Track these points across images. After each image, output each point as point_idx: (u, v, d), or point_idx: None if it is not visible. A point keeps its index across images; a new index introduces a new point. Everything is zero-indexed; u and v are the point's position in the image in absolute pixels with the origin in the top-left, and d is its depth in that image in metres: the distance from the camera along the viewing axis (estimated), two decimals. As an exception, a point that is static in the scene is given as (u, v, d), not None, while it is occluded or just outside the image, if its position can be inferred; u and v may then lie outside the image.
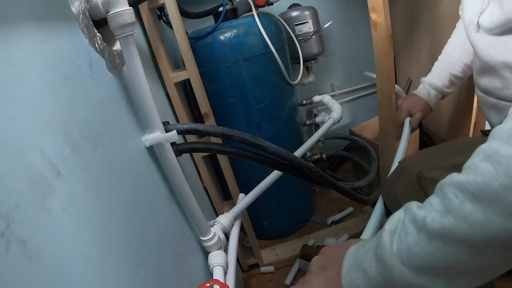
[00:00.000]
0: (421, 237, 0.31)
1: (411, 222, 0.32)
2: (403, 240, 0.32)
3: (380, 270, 0.34)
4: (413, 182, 0.59)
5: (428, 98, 0.93)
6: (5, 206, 0.25)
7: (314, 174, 0.82)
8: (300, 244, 1.24)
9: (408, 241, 0.32)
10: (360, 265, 0.36)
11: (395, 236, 0.33)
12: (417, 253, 0.31)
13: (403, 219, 0.34)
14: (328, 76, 1.68)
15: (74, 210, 0.34)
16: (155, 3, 0.85)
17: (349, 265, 0.38)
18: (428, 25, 1.30)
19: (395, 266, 0.32)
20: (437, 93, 0.93)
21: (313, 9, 1.32)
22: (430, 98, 0.93)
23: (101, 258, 0.37)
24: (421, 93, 0.95)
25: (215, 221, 0.78)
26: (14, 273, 0.25)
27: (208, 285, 0.57)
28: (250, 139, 0.72)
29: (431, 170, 0.57)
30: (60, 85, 0.37)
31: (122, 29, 0.48)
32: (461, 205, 0.28)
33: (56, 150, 0.33)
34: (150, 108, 0.56)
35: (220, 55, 1.04)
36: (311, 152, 1.56)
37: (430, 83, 0.93)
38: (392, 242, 0.33)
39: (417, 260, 0.31)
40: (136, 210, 0.50)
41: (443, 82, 0.91)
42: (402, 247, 0.32)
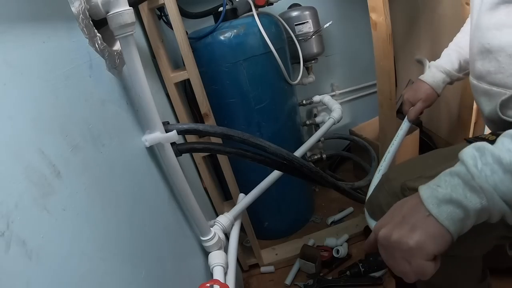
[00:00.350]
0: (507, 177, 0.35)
1: (496, 162, 0.36)
2: (489, 177, 0.36)
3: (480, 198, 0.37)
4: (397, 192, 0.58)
5: (434, 82, 0.84)
6: (5, 206, 0.25)
7: (314, 174, 0.82)
8: (300, 244, 1.24)
9: (495, 179, 0.36)
10: (452, 200, 0.38)
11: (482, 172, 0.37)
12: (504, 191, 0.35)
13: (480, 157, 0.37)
14: (328, 76, 1.68)
15: (74, 210, 0.34)
16: (155, 3, 0.85)
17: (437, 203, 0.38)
18: (428, 25, 1.30)
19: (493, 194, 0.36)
20: (444, 76, 0.84)
21: (313, 9, 1.32)
22: (436, 82, 0.84)
23: (101, 258, 0.37)
24: (426, 77, 0.86)
25: (215, 221, 0.78)
26: (14, 273, 0.25)
27: (208, 285, 0.57)
28: (250, 139, 0.72)
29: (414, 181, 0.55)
30: (60, 85, 0.37)
31: (122, 29, 0.48)
32: None
33: (56, 150, 0.33)
34: (150, 108, 0.56)
35: (220, 55, 1.04)
36: (311, 152, 1.56)
37: (437, 65, 0.85)
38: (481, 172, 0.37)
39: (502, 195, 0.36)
40: (136, 210, 0.50)
41: (452, 65, 0.83)
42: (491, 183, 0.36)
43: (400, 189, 0.58)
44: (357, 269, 1.09)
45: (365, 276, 1.09)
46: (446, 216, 0.37)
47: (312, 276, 1.15)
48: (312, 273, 1.16)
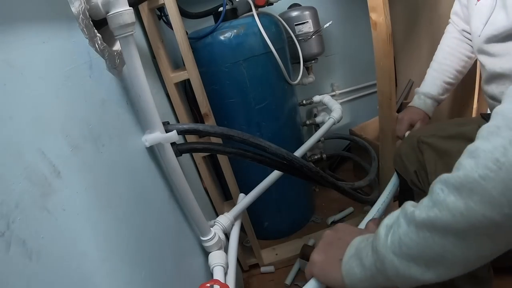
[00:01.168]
0: (410, 228, 0.34)
1: (403, 217, 0.36)
2: (395, 232, 0.36)
3: (374, 260, 0.37)
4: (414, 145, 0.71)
5: (425, 108, 0.96)
6: (5, 206, 0.25)
7: (314, 174, 0.82)
8: (301, 244, 1.23)
9: (399, 233, 0.35)
10: (359, 255, 0.40)
11: (391, 230, 0.37)
12: (407, 243, 0.34)
13: (398, 215, 0.37)
14: (328, 76, 1.68)
15: (74, 210, 0.34)
16: (155, 3, 0.85)
17: (351, 254, 0.42)
18: (428, 25, 1.30)
19: (386, 256, 0.36)
20: (432, 101, 0.95)
21: (313, 9, 1.32)
22: (427, 107, 0.96)
23: (101, 258, 0.37)
24: (417, 103, 0.97)
25: (215, 221, 0.78)
26: (14, 273, 0.25)
27: (209, 285, 0.57)
28: (250, 139, 0.72)
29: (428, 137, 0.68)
30: (60, 85, 0.37)
31: (122, 29, 0.48)
32: (445, 197, 0.31)
33: (56, 150, 0.33)
34: (150, 108, 0.56)
35: (220, 55, 1.04)
36: (311, 152, 1.56)
37: (424, 93, 0.96)
38: (387, 236, 0.37)
39: (407, 250, 0.34)
40: (136, 210, 0.50)
41: (437, 91, 0.94)
42: (394, 239, 0.35)
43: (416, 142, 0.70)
44: (357, 269, 1.09)
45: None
46: (347, 268, 0.41)
47: (312, 276, 1.15)
48: (312, 273, 1.16)
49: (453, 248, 0.31)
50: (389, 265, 0.35)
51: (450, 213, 0.30)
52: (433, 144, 0.66)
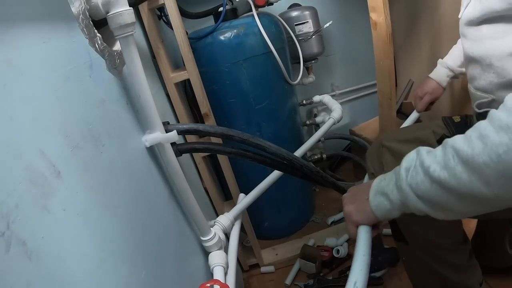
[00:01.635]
0: (425, 179, 0.42)
1: (420, 165, 0.43)
2: (414, 177, 0.43)
3: (399, 196, 0.46)
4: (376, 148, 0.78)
5: (437, 77, 0.96)
6: (5, 206, 0.25)
7: (314, 174, 0.82)
8: (301, 244, 1.24)
9: (417, 179, 0.43)
10: (384, 192, 0.49)
11: (409, 173, 0.44)
12: (422, 189, 0.42)
13: (415, 160, 0.44)
14: (328, 76, 1.68)
15: (74, 211, 0.34)
16: (155, 3, 0.85)
17: (375, 192, 0.51)
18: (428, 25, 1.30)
19: (408, 194, 0.44)
20: (447, 71, 0.94)
21: (313, 9, 1.32)
22: (440, 76, 0.95)
23: (101, 258, 0.37)
24: (432, 74, 0.98)
25: (216, 221, 0.78)
26: (14, 273, 0.25)
27: (209, 285, 0.57)
28: (250, 139, 0.72)
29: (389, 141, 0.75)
30: (60, 85, 0.37)
31: (122, 29, 0.48)
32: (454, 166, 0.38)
33: (56, 150, 0.33)
34: (150, 108, 0.56)
35: (220, 55, 1.04)
36: (311, 152, 1.56)
37: (441, 62, 0.96)
38: (407, 177, 0.44)
39: (422, 193, 0.43)
40: (136, 210, 0.50)
41: (454, 62, 0.93)
42: (413, 182, 0.43)
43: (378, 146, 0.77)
44: (357, 269, 1.09)
45: (365, 276, 1.09)
46: (375, 203, 0.50)
47: (312, 276, 1.15)
48: (312, 273, 1.16)
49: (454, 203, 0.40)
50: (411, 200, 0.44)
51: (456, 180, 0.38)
52: (391, 147, 0.73)
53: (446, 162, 0.39)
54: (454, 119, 0.76)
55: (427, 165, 0.41)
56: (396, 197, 0.47)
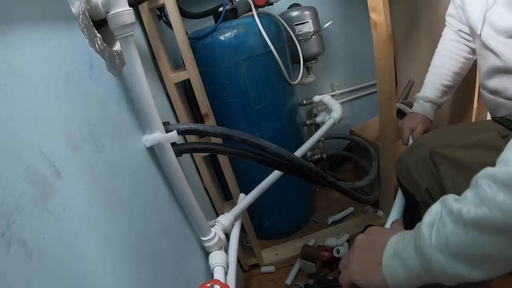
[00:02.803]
0: (458, 227, 0.33)
1: (448, 214, 0.35)
2: (441, 231, 0.34)
3: (419, 260, 0.36)
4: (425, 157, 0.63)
5: (424, 112, 0.96)
6: (5, 206, 0.25)
7: (314, 174, 0.82)
8: (301, 244, 1.24)
9: (446, 232, 0.34)
10: (400, 256, 0.39)
11: (434, 228, 0.36)
12: (455, 243, 0.33)
13: (440, 211, 0.36)
14: (328, 76, 1.68)
15: (75, 211, 0.34)
16: (155, 3, 0.85)
17: (389, 256, 0.41)
18: (428, 25, 1.30)
19: (433, 256, 0.34)
20: (431, 104, 0.96)
21: (313, 9, 1.32)
22: (426, 111, 0.96)
23: (101, 258, 0.37)
24: (417, 109, 0.98)
25: (216, 221, 0.78)
26: (14, 273, 0.25)
27: (209, 285, 0.57)
28: (251, 139, 0.72)
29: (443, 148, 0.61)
30: (61, 85, 0.37)
31: (122, 29, 0.48)
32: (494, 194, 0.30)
33: (57, 150, 0.33)
34: (150, 108, 0.56)
35: (220, 55, 1.04)
36: (311, 152, 1.56)
37: (422, 97, 0.96)
38: (431, 234, 0.35)
39: (455, 249, 0.33)
40: (137, 211, 0.50)
41: (435, 94, 0.94)
42: (441, 238, 0.34)
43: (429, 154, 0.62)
44: (358, 269, 1.09)
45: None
46: (388, 270, 0.40)
47: (313, 276, 1.15)
48: (313, 273, 1.16)
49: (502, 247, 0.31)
50: (436, 265, 0.35)
51: (501, 212, 0.29)
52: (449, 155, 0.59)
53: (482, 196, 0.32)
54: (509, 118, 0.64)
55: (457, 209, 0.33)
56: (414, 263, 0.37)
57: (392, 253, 0.41)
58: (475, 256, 0.33)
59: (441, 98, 0.94)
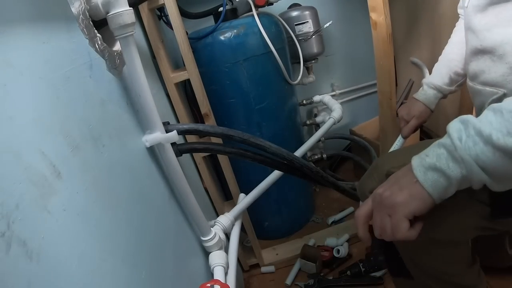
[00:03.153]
0: (487, 148, 0.38)
1: (478, 134, 0.39)
2: (471, 148, 0.39)
3: (460, 168, 0.41)
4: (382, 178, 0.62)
5: (426, 99, 0.89)
6: (5, 206, 0.25)
7: (314, 174, 0.82)
8: (301, 244, 1.24)
9: (476, 150, 0.39)
10: (436, 168, 0.42)
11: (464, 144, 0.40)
12: (484, 160, 0.39)
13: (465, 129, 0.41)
14: (328, 76, 1.68)
15: (75, 211, 0.34)
16: (155, 3, 0.85)
17: (424, 170, 0.43)
18: (428, 25, 1.30)
19: (473, 165, 0.40)
20: (436, 92, 0.88)
21: (313, 9, 1.32)
22: (428, 99, 0.88)
23: (101, 258, 0.37)
24: (419, 95, 0.91)
25: (216, 221, 0.78)
26: (14, 273, 0.25)
27: (209, 285, 0.57)
28: (251, 139, 0.72)
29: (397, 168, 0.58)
30: (61, 85, 0.37)
31: (122, 29, 0.48)
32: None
33: (57, 150, 0.33)
34: (151, 108, 0.56)
35: (220, 55, 1.04)
36: (311, 152, 1.56)
37: (428, 83, 0.89)
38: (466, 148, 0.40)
39: (483, 164, 0.39)
40: (137, 211, 0.50)
41: (442, 80, 0.86)
42: (472, 153, 0.39)
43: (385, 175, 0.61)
44: (358, 269, 1.09)
45: (365, 276, 1.09)
46: (430, 183, 0.43)
47: (313, 276, 1.15)
48: (313, 273, 1.16)
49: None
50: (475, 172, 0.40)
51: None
52: None
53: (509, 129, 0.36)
54: None
55: (488, 134, 0.38)
56: (456, 171, 0.41)
57: (425, 167, 0.43)
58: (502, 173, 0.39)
59: (449, 85, 0.86)
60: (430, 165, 0.43)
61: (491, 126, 0.38)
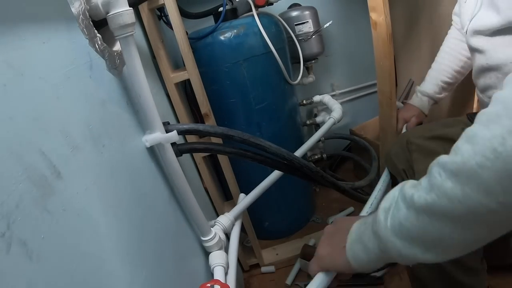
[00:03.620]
0: (410, 212, 0.34)
1: (402, 200, 0.36)
2: (395, 216, 0.36)
3: (377, 243, 0.39)
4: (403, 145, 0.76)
5: (421, 105, 0.99)
6: (5, 207, 0.25)
7: (314, 174, 0.82)
8: (301, 244, 1.24)
9: (399, 217, 0.36)
10: (361, 240, 0.42)
11: (389, 213, 0.37)
12: (407, 227, 0.35)
13: (396, 197, 0.38)
14: (328, 76, 1.68)
15: (75, 211, 0.34)
16: (155, 3, 0.85)
17: (352, 240, 0.44)
18: (428, 25, 1.30)
19: (388, 239, 0.37)
20: (428, 99, 0.98)
21: (313, 9, 1.32)
22: (423, 104, 0.99)
23: (101, 258, 0.37)
24: (414, 101, 1.02)
25: (216, 221, 0.78)
26: (14, 273, 0.25)
27: (209, 285, 0.57)
28: (251, 139, 0.72)
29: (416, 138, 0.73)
30: (60, 85, 0.37)
31: (122, 29, 0.48)
32: (443, 182, 0.31)
33: (57, 150, 0.33)
34: (151, 108, 0.56)
35: (220, 55, 1.04)
36: (311, 152, 1.56)
37: (421, 91, 0.99)
38: (387, 219, 0.37)
39: (408, 233, 0.35)
40: (137, 211, 0.50)
41: (433, 89, 0.96)
42: (395, 222, 0.36)
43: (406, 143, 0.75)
44: (358, 269, 1.09)
45: (366, 276, 1.09)
46: (352, 254, 0.43)
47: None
48: (313, 273, 1.16)
49: (451, 233, 0.32)
50: (391, 247, 0.37)
51: (448, 199, 0.31)
52: (420, 144, 0.72)
53: (432, 183, 0.33)
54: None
55: (410, 195, 0.35)
56: (373, 246, 0.40)
57: (354, 237, 0.44)
58: (426, 240, 0.34)
59: (439, 94, 0.97)
60: (358, 235, 0.43)
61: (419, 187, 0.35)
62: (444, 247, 0.34)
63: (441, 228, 0.32)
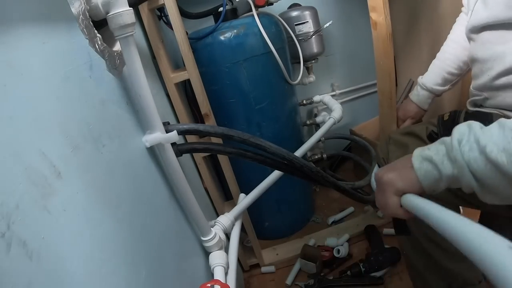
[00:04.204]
0: (481, 157, 0.40)
1: (475, 142, 0.41)
2: (467, 152, 0.42)
3: (453, 167, 0.44)
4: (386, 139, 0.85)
5: (418, 100, 0.94)
6: (5, 207, 0.25)
7: (314, 174, 0.82)
8: (301, 244, 1.24)
9: (470, 156, 0.41)
10: (433, 161, 0.46)
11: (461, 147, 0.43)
12: (475, 167, 0.41)
13: (468, 134, 0.43)
14: (328, 76, 1.68)
15: (75, 211, 0.34)
16: (155, 3, 0.85)
17: (421, 159, 0.47)
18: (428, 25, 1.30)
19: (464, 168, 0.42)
20: (428, 93, 0.92)
21: (313, 9, 1.32)
22: (420, 99, 0.94)
23: (101, 258, 0.37)
24: (412, 96, 0.96)
25: (216, 221, 0.78)
26: (14, 273, 0.25)
27: (209, 285, 0.57)
28: (251, 139, 0.72)
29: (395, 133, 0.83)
30: (61, 85, 0.37)
31: (122, 29, 0.48)
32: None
33: (57, 150, 0.33)
34: (151, 108, 0.56)
35: (220, 55, 1.04)
36: (311, 152, 1.56)
37: (421, 84, 0.93)
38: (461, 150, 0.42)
39: (474, 170, 0.41)
40: (137, 211, 0.50)
41: (435, 81, 0.89)
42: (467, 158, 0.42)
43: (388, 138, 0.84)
44: (358, 269, 1.09)
45: (366, 276, 1.09)
46: (423, 172, 0.47)
47: (313, 276, 1.15)
48: (313, 273, 1.16)
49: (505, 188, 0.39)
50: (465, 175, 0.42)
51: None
52: (395, 138, 0.81)
53: (505, 145, 0.38)
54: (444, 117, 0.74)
55: (483, 144, 0.40)
56: (448, 168, 0.44)
57: (422, 157, 0.47)
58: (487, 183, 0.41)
59: (442, 85, 0.89)
60: (427, 156, 0.47)
61: (491, 138, 0.40)
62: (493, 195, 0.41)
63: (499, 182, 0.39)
